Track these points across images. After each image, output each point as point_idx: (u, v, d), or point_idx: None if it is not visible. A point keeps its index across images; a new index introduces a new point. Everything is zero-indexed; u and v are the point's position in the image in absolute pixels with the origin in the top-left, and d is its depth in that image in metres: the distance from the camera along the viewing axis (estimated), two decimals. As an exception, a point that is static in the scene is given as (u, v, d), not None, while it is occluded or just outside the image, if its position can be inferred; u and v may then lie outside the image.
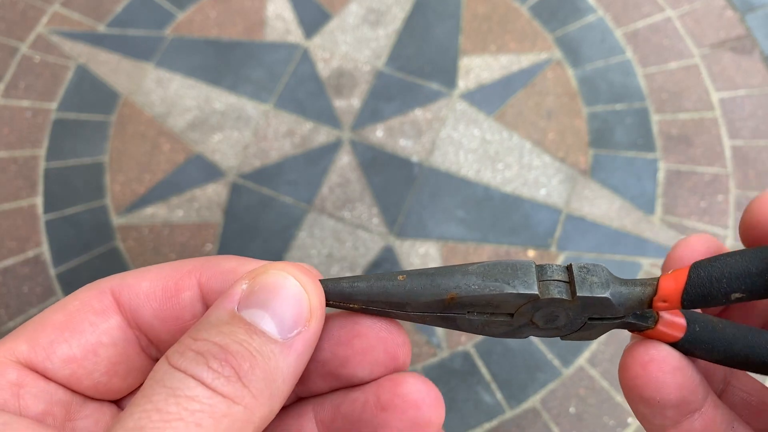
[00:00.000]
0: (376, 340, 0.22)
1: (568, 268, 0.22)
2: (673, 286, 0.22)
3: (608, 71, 1.50)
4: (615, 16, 1.58)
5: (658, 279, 0.22)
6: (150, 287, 0.22)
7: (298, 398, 0.24)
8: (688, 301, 0.22)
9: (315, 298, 0.20)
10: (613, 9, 1.59)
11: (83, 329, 0.21)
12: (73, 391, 0.21)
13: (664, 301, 0.22)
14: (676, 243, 0.25)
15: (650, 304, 0.22)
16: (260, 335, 0.19)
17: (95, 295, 0.22)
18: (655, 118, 1.44)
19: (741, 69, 1.49)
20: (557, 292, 0.22)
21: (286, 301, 0.20)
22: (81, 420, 0.21)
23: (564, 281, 0.22)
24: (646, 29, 1.56)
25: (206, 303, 0.22)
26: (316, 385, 0.23)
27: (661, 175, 1.37)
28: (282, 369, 0.19)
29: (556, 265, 0.22)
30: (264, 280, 0.20)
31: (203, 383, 0.17)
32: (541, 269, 0.22)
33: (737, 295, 0.22)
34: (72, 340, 0.21)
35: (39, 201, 1.34)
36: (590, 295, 0.22)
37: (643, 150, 1.40)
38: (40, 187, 1.35)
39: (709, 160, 1.39)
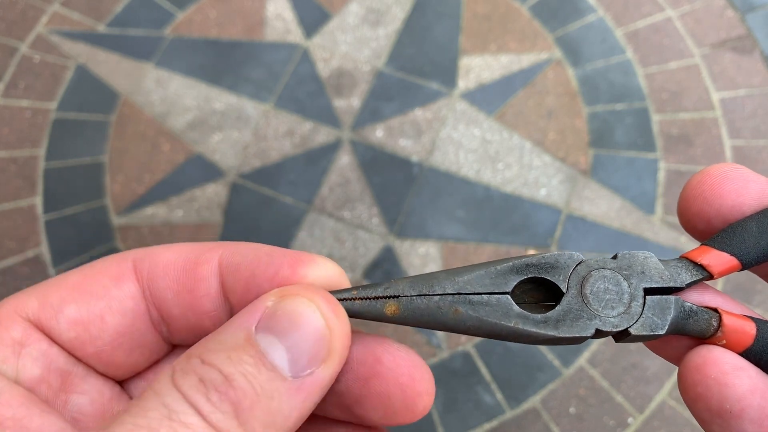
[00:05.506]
0: (396, 386, 0.20)
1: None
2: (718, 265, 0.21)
3: (608, 71, 1.50)
4: (615, 15, 1.58)
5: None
6: (171, 258, 0.22)
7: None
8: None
9: (338, 338, 0.19)
10: (613, 9, 1.59)
11: (94, 292, 0.21)
12: (77, 360, 0.21)
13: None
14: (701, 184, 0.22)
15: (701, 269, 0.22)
16: (269, 369, 0.18)
17: (116, 261, 0.22)
18: (655, 118, 1.44)
19: (741, 69, 1.49)
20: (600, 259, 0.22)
21: (305, 335, 0.18)
22: (77, 394, 0.21)
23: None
24: (646, 29, 1.56)
25: (223, 278, 0.21)
26: (328, 411, 0.22)
27: (661, 175, 1.37)
28: (284, 411, 0.18)
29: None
30: (289, 306, 0.19)
31: (200, 413, 0.17)
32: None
33: None
34: (81, 301, 0.20)
35: (39, 201, 1.34)
36: (630, 251, 0.22)
37: (643, 150, 1.40)
38: (40, 187, 1.35)
39: (709, 160, 1.39)
